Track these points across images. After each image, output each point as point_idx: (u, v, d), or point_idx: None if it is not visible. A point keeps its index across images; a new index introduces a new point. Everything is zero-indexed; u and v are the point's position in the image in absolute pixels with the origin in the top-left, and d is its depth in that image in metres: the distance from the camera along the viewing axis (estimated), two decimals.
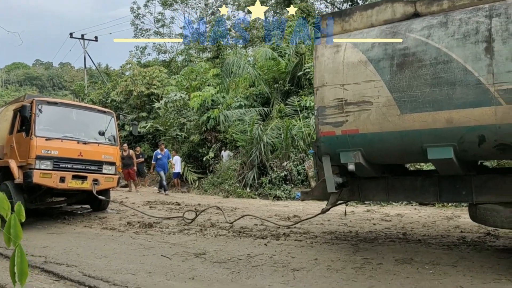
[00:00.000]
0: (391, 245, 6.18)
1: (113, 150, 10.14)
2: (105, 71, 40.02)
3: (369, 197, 6.29)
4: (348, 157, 5.31)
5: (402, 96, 4.82)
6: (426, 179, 5.65)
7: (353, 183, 6.02)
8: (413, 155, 5.18)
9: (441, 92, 4.59)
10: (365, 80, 5.07)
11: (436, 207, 9.84)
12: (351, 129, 5.20)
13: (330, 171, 5.53)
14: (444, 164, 4.95)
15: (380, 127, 5.00)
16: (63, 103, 10.33)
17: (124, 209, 11.02)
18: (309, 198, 6.82)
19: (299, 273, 4.93)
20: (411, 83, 4.76)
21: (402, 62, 4.85)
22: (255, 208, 10.83)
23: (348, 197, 6.38)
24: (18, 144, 9.23)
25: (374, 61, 5.05)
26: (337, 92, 5.28)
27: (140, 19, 37.48)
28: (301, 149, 14.09)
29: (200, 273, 5.04)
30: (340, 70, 5.29)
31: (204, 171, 17.68)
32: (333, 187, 5.51)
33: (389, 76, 4.91)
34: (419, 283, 4.42)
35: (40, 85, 72.85)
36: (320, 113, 5.46)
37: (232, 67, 18.79)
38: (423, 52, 4.74)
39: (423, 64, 4.71)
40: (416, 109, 4.75)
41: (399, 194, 5.91)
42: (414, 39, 4.83)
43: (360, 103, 5.09)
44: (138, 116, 22.60)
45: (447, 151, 4.67)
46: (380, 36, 5.14)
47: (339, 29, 5.67)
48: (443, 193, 5.45)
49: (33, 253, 6.29)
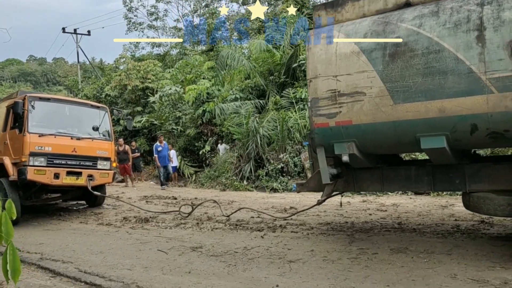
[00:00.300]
0: (386, 234, 6.21)
1: (108, 145, 10.10)
2: (99, 66, 39.80)
3: (364, 188, 6.31)
4: (342, 148, 5.31)
5: (394, 86, 4.81)
6: (420, 168, 5.67)
7: (348, 174, 6.04)
8: (406, 145, 5.19)
9: (433, 81, 4.58)
10: (358, 71, 5.06)
11: (431, 196, 9.89)
12: (344, 120, 5.19)
13: (324, 162, 5.53)
14: (437, 154, 4.96)
15: (374, 118, 5.00)
16: (56, 99, 10.26)
17: (120, 204, 11.01)
18: (305, 189, 6.83)
19: (295, 265, 4.95)
20: (404, 73, 4.75)
21: (394, 52, 4.83)
22: (252, 201, 10.85)
23: (343, 188, 6.40)
24: (11, 141, 9.18)
25: (367, 51, 5.03)
26: (330, 83, 5.26)
27: (133, 12, 37.18)
28: (297, 141, 14.11)
29: (196, 267, 5.05)
30: (333, 61, 5.27)
31: (201, 165, 17.67)
32: (328, 178, 5.52)
33: (381, 67, 4.90)
34: (414, 271, 4.45)
35: (34, 81, 72.41)
36: (313, 104, 5.45)
37: (227, 60, 18.72)
38: (415, 42, 4.72)
39: (415, 54, 4.70)
40: (409, 99, 4.74)
41: (394, 184, 5.93)
42: (406, 29, 4.81)
43: (353, 94, 5.09)
44: (133, 111, 22.52)
45: (439, 140, 4.68)
46: (372, 27, 5.12)
47: (332, 20, 5.64)
48: (437, 182, 5.47)
49: (29, 250, 6.28)
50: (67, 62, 72.48)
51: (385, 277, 4.35)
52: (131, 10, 37.02)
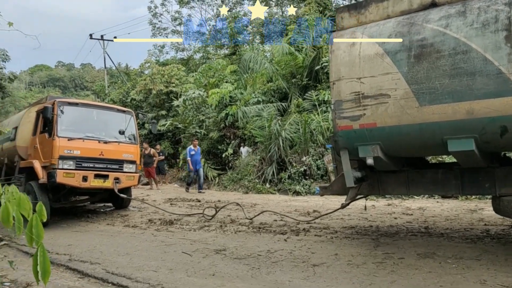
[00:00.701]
0: (412, 239, 6.10)
1: (133, 149, 10.28)
2: (125, 71, 40.54)
3: (389, 191, 6.23)
4: (367, 151, 5.26)
5: (420, 88, 4.75)
6: (447, 172, 5.55)
7: (373, 177, 5.96)
8: (433, 147, 5.10)
9: (461, 82, 4.50)
10: (382, 73, 5.01)
11: (459, 200, 9.66)
12: (369, 123, 5.15)
13: (348, 165, 5.49)
14: (466, 156, 4.85)
15: (399, 120, 4.94)
16: (84, 104, 10.53)
17: (145, 206, 11.17)
18: (328, 193, 6.78)
19: (319, 269, 4.92)
20: (430, 74, 4.68)
21: (420, 53, 4.77)
22: (275, 204, 10.83)
23: (367, 191, 6.32)
24: (41, 144, 9.45)
25: (391, 53, 4.98)
26: (354, 86, 5.23)
27: (158, 18, 37.80)
28: (320, 143, 14.02)
29: (220, 270, 5.08)
30: (356, 63, 5.23)
31: (224, 168, 17.76)
32: (352, 181, 5.47)
33: (406, 68, 4.84)
34: (442, 277, 4.35)
35: (62, 86, 74.40)
36: (337, 107, 5.42)
37: (249, 63, 18.80)
38: (441, 43, 4.65)
39: (441, 55, 4.62)
40: (435, 100, 4.66)
41: (420, 187, 5.83)
42: (432, 29, 4.74)
43: (377, 96, 5.04)
44: (157, 114, 22.84)
45: (468, 143, 4.58)
46: (396, 28, 5.06)
47: (355, 22, 5.60)
48: (465, 186, 5.36)
49: (58, 251, 6.44)
50: (94, 67, 74.22)
51: (412, 282, 4.28)
52: (156, 16, 37.68)
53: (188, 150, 15.58)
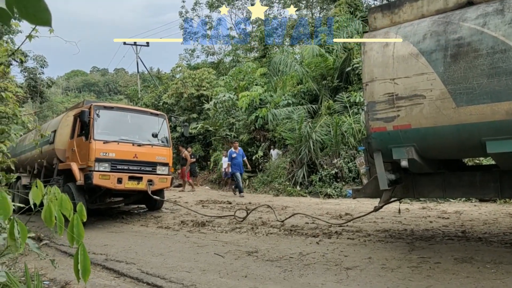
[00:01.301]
0: (449, 243, 5.92)
1: (166, 151, 10.47)
2: (157, 75, 41.33)
3: (424, 194, 6.08)
4: (401, 153, 5.17)
5: (457, 88, 4.63)
6: (485, 174, 5.40)
7: (407, 180, 5.85)
8: (470, 149, 4.96)
9: (500, 82, 4.36)
10: (416, 73, 4.92)
11: (497, 204, 9.32)
12: (403, 124, 5.06)
13: (382, 167, 5.40)
14: (506, 158, 4.70)
15: (434, 121, 4.83)
16: (118, 107, 10.80)
17: (177, 208, 11.34)
18: (361, 195, 6.69)
19: (353, 272, 4.85)
20: (467, 74, 4.56)
21: (457, 53, 4.65)
22: (306, 206, 10.77)
23: (401, 194, 6.20)
24: (78, 147, 9.76)
25: (426, 53, 4.88)
26: (388, 87, 5.15)
27: (189, 22, 38.32)
28: (351, 145, 13.85)
29: (252, 271, 5.09)
30: (390, 64, 5.16)
31: (254, 170, 17.82)
32: (386, 184, 5.38)
33: (442, 68, 4.73)
34: (480, 282, 4.21)
35: (97, 90, 76.62)
36: (370, 108, 5.35)
37: (279, 66, 18.80)
38: (479, 42, 4.52)
39: (479, 54, 4.50)
40: (473, 101, 4.54)
41: (457, 190, 5.68)
42: (469, 28, 4.62)
43: (412, 97, 4.95)
44: (189, 118, 23.19)
45: (508, 144, 4.44)
46: (432, 27, 4.96)
47: (388, 22, 5.53)
48: (504, 189, 5.19)
49: (95, 251, 6.63)
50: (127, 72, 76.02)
51: (449, 287, 4.16)
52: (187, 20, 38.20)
53: (229, 153, 14.93)
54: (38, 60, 28.94)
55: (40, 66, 29.30)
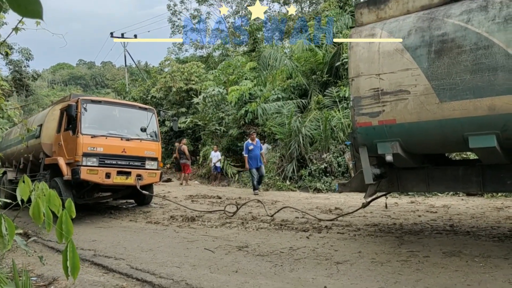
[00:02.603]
0: (438, 237, 5.98)
1: (155, 146, 10.38)
2: (145, 69, 40.99)
3: (408, 188, 6.15)
4: (386, 147, 5.22)
5: (441, 84, 4.68)
6: (468, 168, 5.47)
7: (392, 174, 5.91)
8: (453, 144, 5.03)
9: (483, 78, 4.41)
10: (401, 69, 4.96)
11: (484, 198, 9.44)
12: (388, 119, 5.10)
13: (367, 162, 5.45)
14: (487, 153, 4.76)
15: (418, 117, 4.88)
16: (106, 101, 10.66)
17: (166, 203, 11.28)
18: (347, 189, 6.73)
19: (343, 266, 4.87)
20: (450, 70, 4.61)
21: (441, 48, 4.69)
22: (296, 201, 10.79)
23: (386, 188, 6.26)
24: (65, 142, 9.62)
25: (411, 49, 4.92)
26: (373, 82, 5.19)
27: (177, 15, 38.05)
28: (341, 140, 13.90)
29: (243, 266, 5.08)
30: (375, 60, 5.19)
31: (243, 165, 17.78)
32: (371, 178, 5.44)
33: (426, 64, 4.78)
34: (469, 276, 4.25)
35: (83, 84, 75.74)
36: (356, 103, 5.39)
37: (268, 60, 18.74)
38: (462, 38, 4.57)
39: (462, 50, 4.55)
40: (456, 96, 4.59)
41: (440, 184, 5.74)
42: (453, 24, 4.66)
43: (397, 92, 4.99)
44: (177, 112, 23.03)
45: (489, 139, 4.50)
46: (417, 23, 4.99)
47: (374, 18, 5.55)
48: (486, 183, 5.27)
49: (83, 247, 6.55)
50: (115, 65, 75.28)
51: (438, 281, 4.19)
52: (175, 13, 37.91)
53: (246, 145, 13.34)
54: (24, 52, 28.43)
55: (25, 59, 28.79)
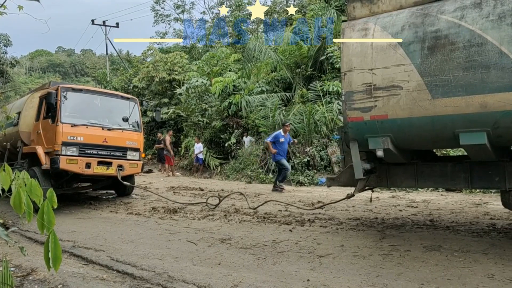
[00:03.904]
0: (418, 231, 6.07)
1: (137, 136, 10.23)
2: (126, 58, 40.33)
3: (397, 183, 6.18)
4: (377, 143, 5.22)
5: (433, 80, 4.68)
6: (456, 165, 5.50)
7: (381, 169, 5.92)
8: (444, 140, 5.05)
9: (475, 75, 4.43)
10: (394, 64, 4.94)
11: (463, 193, 9.63)
12: (380, 115, 5.09)
13: (358, 157, 5.45)
14: (477, 150, 4.80)
15: (410, 112, 4.88)
16: (88, 90, 10.44)
17: (148, 194, 11.15)
18: (336, 184, 6.74)
19: (326, 260, 4.89)
20: (443, 66, 4.61)
21: (434, 45, 4.69)
22: (278, 194, 10.81)
23: (375, 184, 6.28)
24: (44, 130, 9.39)
25: (404, 44, 4.90)
26: (366, 77, 5.16)
27: (160, 4, 37.49)
28: (324, 134, 13.97)
29: (226, 259, 5.05)
30: (368, 54, 5.16)
31: (226, 157, 17.75)
32: (361, 173, 5.43)
33: (419, 60, 4.77)
34: (449, 270, 4.32)
35: (62, 71, 74.20)
36: (347, 98, 5.36)
37: (253, 52, 18.65)
38: (456, 35, 4.56)
39: (456, 47, 4.54)
40: (448, 93, 4.60)
41: (428, 180, 5.77)
42: (447, 21, 4.66)
43: (389, 87, 4.98)
44: (160, 102, 22.77)
45: (480, 136, 4.53)
46: (410, 19, 4.98)
47: (367, 12, 5.52)
48: (474, 180, 5.31)
49: (62, 238, 6.41)
50: (95, 53, 73.95)
51: (419, 275, 4.24)
52: (158, 2, 37.35)
53: (276, 136, 11.68)
54: (2, 38, 27.65)
55: (3, 45, 28.02)
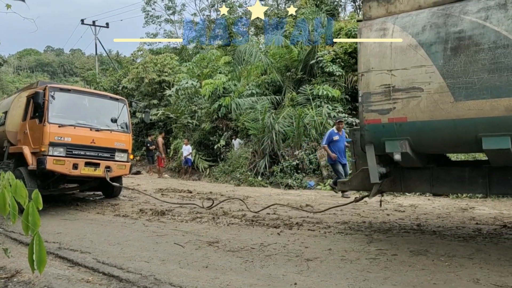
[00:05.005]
0: (405, 236, 6.11)
1: (126, 137, 10.15)
2: (116, 58, 40.04)
3: (412, 188, 6.05)
4: (395, 146, 5.08)
5: (456, 83, 4.56)
6: (474, 170, 5.37)
7: (395, 174, 5.77)
8: (465, 144, 4.93)
9: (501, 78, 4.32)
10: (415, 65, 4.83)
11: (450, 198, 9.72)
12: (398, 117, 4.96)
13: (374, 160, 5.29)
14: (499, 155, 4.67)
15: (431, 115, 4.75)
16: (76, 90, 10.35)
17: (136, 196, 11.07)
18: (347, 188, 6.65)
19: (313, 263, 4.90)
20: (467, 68, 4.50)
21: (457, 46, 4.59)
22: (267, 197, 10.81)
23: (388, 188, 6.14)
24: (31, 130, 9.28)
25: (426, 45, 4.79)
26: (384, 78, 5.04)
27: (151, 5, 37.33)
28: (313, 138, 14.01)
29: (213, 262, 5.04)
30: (387, 55, 5.04)
31: (215, 159, 17.69)
32: (377, 177, 5.28)
33: (442, 61, 4.66)
34: (435, 275, 4.36)
35: (51, 71, 73.40)
36: (364, 99, 5.21)
37: (244, 55, 18.65)
38: (480, 36, 4.46)
39: (480, 48, 4.44)
40: (472, 96, 4.48)
41: (444, 185, 5.63)
42: (470, 21, 4.55)
43: (409, 89, 4.86)
44: (149, 104, 22.63)
45: (504, 141, 4.40)
46: (431, 19, 4.86)
47: (384, 12, 5.39)
48: (493, 185, 5.20)
49: (47, 239, 6.33)
50: (84, 53, 73.33)
51: (405, 279, 4.27)
52: (149, 3, 37.19)
53: (329, 134, 10.55)
54: None
55: None
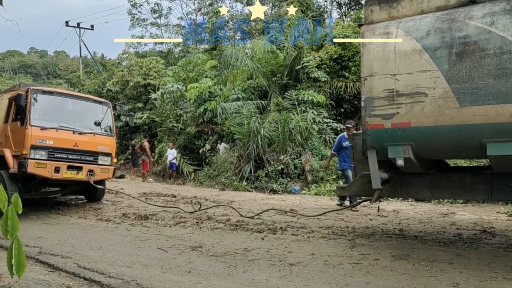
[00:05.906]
0: (387, 241, 6.18)
1: (109, 141, 10.04)
2: (100, 61, 39.67)
3: (412, 194, 6.02)
4: (397, 151, 5.05)
5: (461, 88, 4.56)
6: (476, 176, 5.37)
7: (396, 179, 5.76)
8: (469, 150, 4.93)
9: (507, 83, 4.33)
10: (419, 70, 4.81)
11: (431, 204, 9.86)
12: (402, 122, 4.94)
13: (376, 166, 5.27)
14: (504, 161, 4.67)
15: (435, 121, 4.75)
16: (59, 92, 10.20)
17: (119, 200, 10.96)
18: (346, 193, 6.62)
19: (296, 268, 4.91)
20: (472, 73, 4.51)
21: (462, 51, 4.59)
22: (252, 202, 10.81)
23: (389, 194, 6.13)
24: (13, 133, 9.12)
25: (430, 49, 4.78)
26: (388, 82, 5.03)
27: (137, 8, 37.15)
28: (298, 143, 14.08)
29: (196, 267, 5.01)
30: (391, 59, 5.03)
31: (200, 163, 17.64)
32: (379, 183, 5.25)
33: (447, 66, 4.65)
34: (416, 279, 4.41)
35: (34, 73, 72.21)
36: (367, 104, 5.19)
37: (230, 59, 18.68)
38: (486, 41, 4.47)
39: (486, 53, 4.45)
40: (477, 101, 4.48)
41: (445, 191, 5.64)
42: (476, 26, 4.56)
43: (413, 94, 4.84)
44: (134, 107, 22.47)
45: (509, 147, 4.41)
46: (435, 23, 4.87)
47: (386, 16, 5.40)
48: (495, 191, 5.21)
49: (28, 244, 6.22)
50: (68, 55, 72.45)
51: (386, 283, 4.32)
52: (135, 6, 37.02)
53: (339, 140, 9.78)
54: None
55: None
